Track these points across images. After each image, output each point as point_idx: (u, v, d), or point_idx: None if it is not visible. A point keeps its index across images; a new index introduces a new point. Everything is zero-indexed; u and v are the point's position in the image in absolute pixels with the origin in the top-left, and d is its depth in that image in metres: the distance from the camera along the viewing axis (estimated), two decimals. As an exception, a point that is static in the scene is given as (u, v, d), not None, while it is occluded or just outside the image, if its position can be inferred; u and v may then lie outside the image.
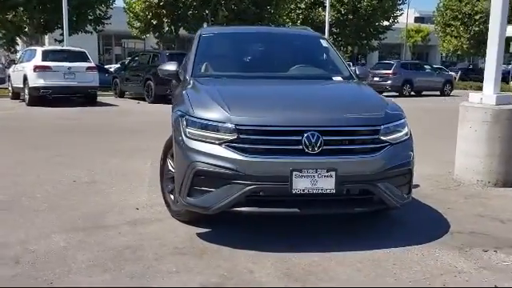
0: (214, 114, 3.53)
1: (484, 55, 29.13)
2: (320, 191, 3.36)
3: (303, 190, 3.34)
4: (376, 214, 4.15)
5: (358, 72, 4.86)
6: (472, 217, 4.38)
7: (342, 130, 3.49)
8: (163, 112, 13.32)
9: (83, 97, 14.70)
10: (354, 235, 3.84)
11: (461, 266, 3.28)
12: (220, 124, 3.45)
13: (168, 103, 15.51)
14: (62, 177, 5.50)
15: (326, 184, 3.36)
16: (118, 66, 26.07)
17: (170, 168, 4.14)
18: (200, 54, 4.71)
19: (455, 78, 29.13)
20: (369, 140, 3.53)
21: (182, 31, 26.36)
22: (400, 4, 31.39)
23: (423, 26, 51.30)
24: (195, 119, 3.56)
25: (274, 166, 3.35)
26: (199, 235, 3.76)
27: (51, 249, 3.46)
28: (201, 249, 3.50)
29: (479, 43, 38.53)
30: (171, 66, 4.69)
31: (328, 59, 5.02)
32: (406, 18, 43.43)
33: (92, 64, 14.65)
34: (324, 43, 5.18)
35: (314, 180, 3.34)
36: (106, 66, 26.51)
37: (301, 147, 3.37)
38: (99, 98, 15.61)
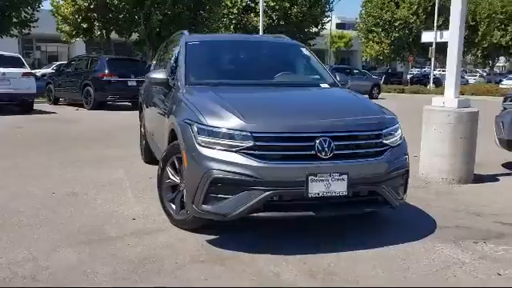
0: (227, 122, 3.59)
1: (403, 60, 31.25)
2: (333, 194, 3.54)
3: (318, 194, 3.50)
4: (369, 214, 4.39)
5: (338, 79, 5.11)
6: (450, 212, 4.75)
7: (350, 135, 3.68)
8: (108, 119, 13.03)
9: (18, 105, 13.92)
10: (355, 235, 4.04)
11: (462, 258, 3.59)
12: (235, 132, 3.52)
13: (109, 109, 15.21)
14: (37, 189, 5.27)
15: (339, 187, 3.54)
16: (45, 70, 24.94)
17: (171, 176, 4.15)
18: (190, 61, 4.73)
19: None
20: (373, 144, 3.75)
21: (113, 35, 25.73)
22: (327, 11, 32.56)
23: (346, 32, 53.48)
24: (208, 127, 3.61)
25: (291, 171, 3.48)
26: (210, 242, 3.80)
27: (65, 264, 3.36)
28: (218, 256, 3.55)
29: (399, 48, 40.97)
30: (161, 74, 4.69)
31: (311, 66, 5.24)
32: (329, 24, 45.13)
33: (28, 70, 13.93)
34: (305, 51, 5.39)
35: (328, 184, 3.51)
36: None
37: (314, 152, 3.52)
38: (31, 105, 14.85)
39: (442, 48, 37.92)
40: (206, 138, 3.60)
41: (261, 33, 26.04)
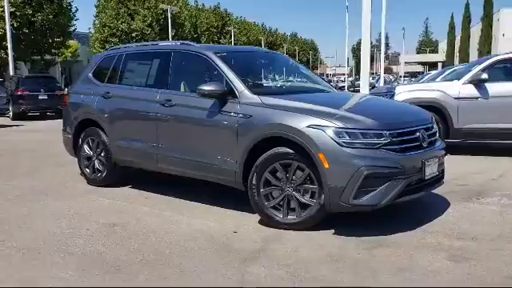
0: (363, 123, 4.07)
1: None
2: (433, 175, 4.44)
3: (428, 176, 4.34)
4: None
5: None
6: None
7: (428, 127, 4.60)
8: None
9: None
10: (415, 209, 4.95)
11: (498, 209, 4.91)
12: (374, 131, 4.05)
13: None
14: (54, 228, 4.41)
15: (435, 169, 4.47)
16: None
17: (274, 182, 4.32)
18: (236, 72, 4.79)
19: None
20: (434, 133, 4.76)
21: None
22: (73, 19, 31.00)
23: (72, 42, 51.26)
24: (347, 130, 4.01)
25: (416, 159, 4.22)
26: (338, 234, 4.17)
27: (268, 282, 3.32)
28: (376, 242, 3.98)
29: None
30: (216, 86, 4.63)
31: (310, 73, 5.87)
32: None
33: None
34: (293, 60, 5.98)
35: (431, 167, 4.39)
36: None
37: (419, 143, 4.34)
38: None
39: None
40: (347, 139, 3.99)
41: (8, 40, 23.26)
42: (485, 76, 7.91)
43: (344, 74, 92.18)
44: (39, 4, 27.35)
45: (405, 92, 8.40)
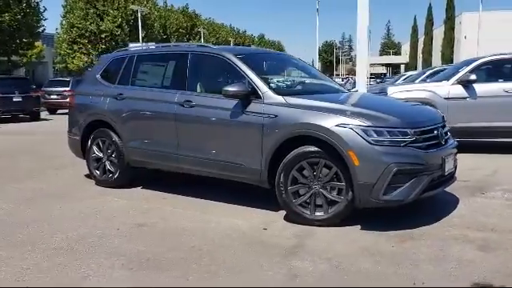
0: (389, 122, 4.26)
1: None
2: (450, 171, 4.66)
3: (447, 172, 4.56)
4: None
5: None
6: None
7: (443, 125, 4.83)
8: None
9: None
10: (435, 204, 5.16)
11: (505, 203, 5.17)
12: (400, 129, 4.23)
13: None
14: (108, 229, 4.40)
15: (452, 165, 4.70)
16: None
17: (301, 180, 4.45)
18: (257, 73, 4.89)
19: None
20: (448, 131, 4.98)
21: None
22: (41, 20, 30.25)
23: (37, 43, 49.99)
24: (376, 128, 4.18)
25: (437, 156, 4.42)
26: (367, 229, 4.33)
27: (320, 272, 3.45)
28: (405, 236, 4.18)
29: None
30: (241, 87, 4.73)
31: (320, 74, 6.03)
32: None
33: None
34: (303, 61, 6.12)
35: (449, 163, 4.61)
36: None
37: (438, 140, 4.55)
38: None
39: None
40: (375, 137, 4.16)
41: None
42: (473, 77, 8.26)
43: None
44: (6, 4, 26.59)
45: (397, 92, 8.67)
